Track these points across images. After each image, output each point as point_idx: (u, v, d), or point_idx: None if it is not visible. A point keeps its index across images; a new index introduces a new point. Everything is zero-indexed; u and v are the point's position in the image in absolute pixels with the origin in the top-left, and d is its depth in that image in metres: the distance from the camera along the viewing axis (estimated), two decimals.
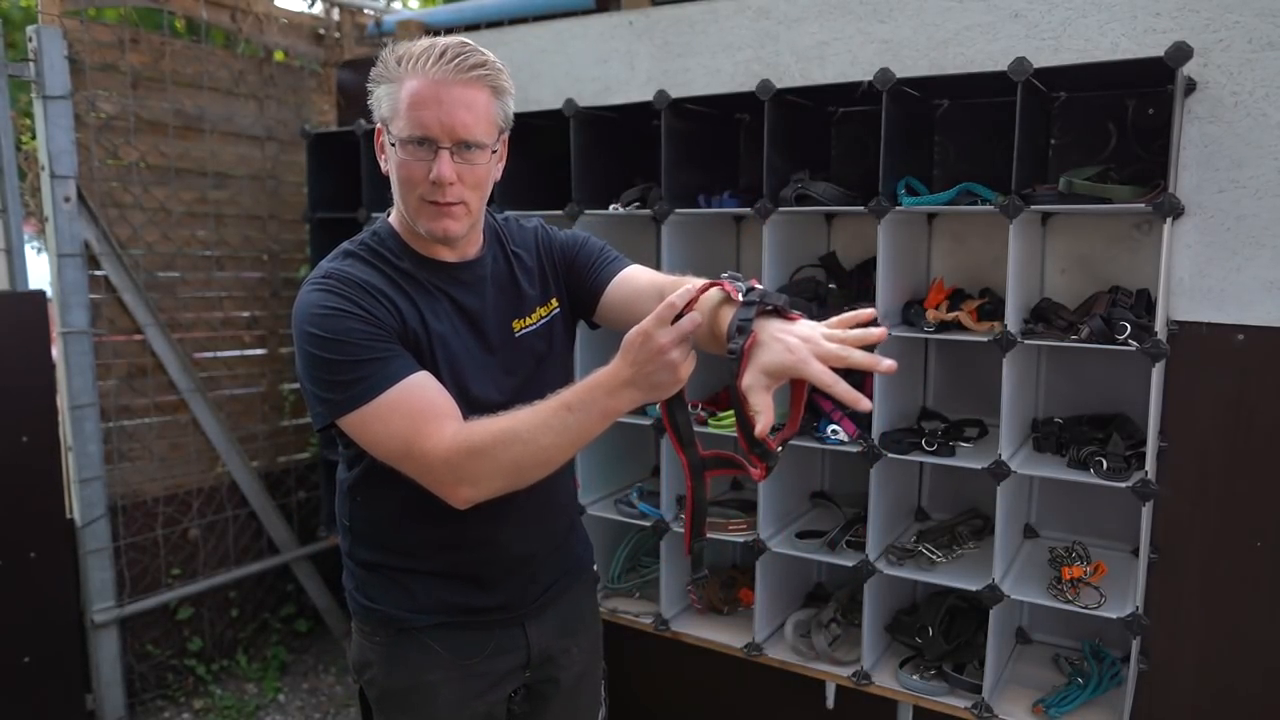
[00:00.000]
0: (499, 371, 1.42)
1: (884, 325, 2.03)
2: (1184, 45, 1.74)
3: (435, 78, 1.25)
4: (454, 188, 1.28)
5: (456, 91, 1.25)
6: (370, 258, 1.37)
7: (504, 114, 1.34)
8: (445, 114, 1.25)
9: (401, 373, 1.25)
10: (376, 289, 1.32)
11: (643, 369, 1.17)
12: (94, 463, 2.85)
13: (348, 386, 1.24)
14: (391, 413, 1.24)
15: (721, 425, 2.28)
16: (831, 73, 2.36)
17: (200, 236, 3.19)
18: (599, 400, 1.19)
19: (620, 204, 2.40)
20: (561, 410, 1.20)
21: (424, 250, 1.40)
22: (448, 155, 1.26)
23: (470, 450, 1.21)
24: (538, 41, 2.82)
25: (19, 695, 2.66)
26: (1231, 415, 1.96)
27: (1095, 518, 2.24)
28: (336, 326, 1.25)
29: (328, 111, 3.51)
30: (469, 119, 1.26)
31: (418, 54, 1.26)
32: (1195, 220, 1.95)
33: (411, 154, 1.27)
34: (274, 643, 3.49)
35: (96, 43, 2.83)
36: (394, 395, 1.24)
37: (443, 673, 1.46)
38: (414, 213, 1.33)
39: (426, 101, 1.25)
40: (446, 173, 1.26)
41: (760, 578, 2.29)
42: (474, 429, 1.23)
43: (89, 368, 2.82)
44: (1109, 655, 2.20)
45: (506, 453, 1.20)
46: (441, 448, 1.21)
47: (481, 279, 1.43)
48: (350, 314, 1.27)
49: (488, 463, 1.21)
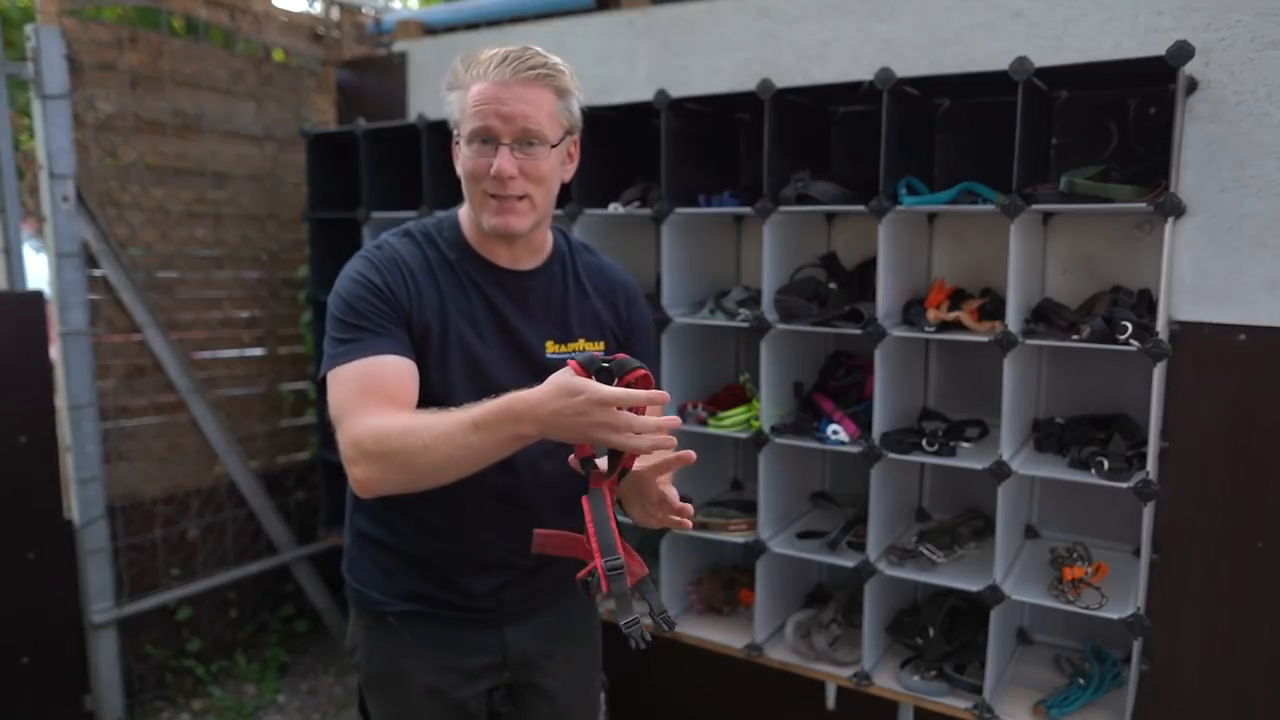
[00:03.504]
0: (519, 378, 1.40)
1: (885, 325, 2.05)
2: (1186, 44, 1.73)
3: (497, 79, 1.33)
4: (515, 181, 1.34)
5: (517, 90, 1.33)
6: (421, 240, 1.44)
7: (569, 114, 1.40)
8: (505, 109, 1.32)
9: (379, 349, 1.31)
10: (409, 269, 1.39)
11: (566, 416, 1.15)
12: (93, 463, 2.85)
13: (335, 344, 1.34)
14: (348, 380, 1.30)
15: (721, 425, 2.28)
16: (832, 72, 2.36)
17: (199, 236, 3.18)
18: (508, 425, 1.18)
19: (620, 203, 2.39)
20: (468, 427, 1.19)
21: (480, 248, 1.45)
22: (507, 150, 1.33)
23: (377, 437, 1.23)
24: (538, 41, 2.78)
25: (18, 695, 2.65)
26: (1233, 415, 1.96)
27: (1096, 518, 2.23)
28: (352, 291, 1.36)
29: (327, 111, 3.51)
30: (528, 111, 1.33)
31: (484, 60, 1.35)
32: (1197, 220, 1.95)
33: (476, 151, 1.35)
34: (273, 643, 3.48)
35: (95, 42, 2.83)
36: (359, 365, 1.30)
37: (416, 660, 1.49)
38: (479, 207, 1.38)
39: (488, 100, 1.33)
40: (506, 165, 1.33)
41: (760, 578, 2.29)
42: (392, 419, 1.24)
43: (87, 368, 2.81)
44: (1110, 656, 2.20)
45: (404, 452, 1.21)
46: (361, 427, 1.24)
47: (527, 291, 1.46)
48: (369, 284, 1.36)
49: (385, 455, 1.22)
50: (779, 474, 2.30)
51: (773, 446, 2.22)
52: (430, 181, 2.66)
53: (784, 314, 2.19)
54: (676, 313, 2.32)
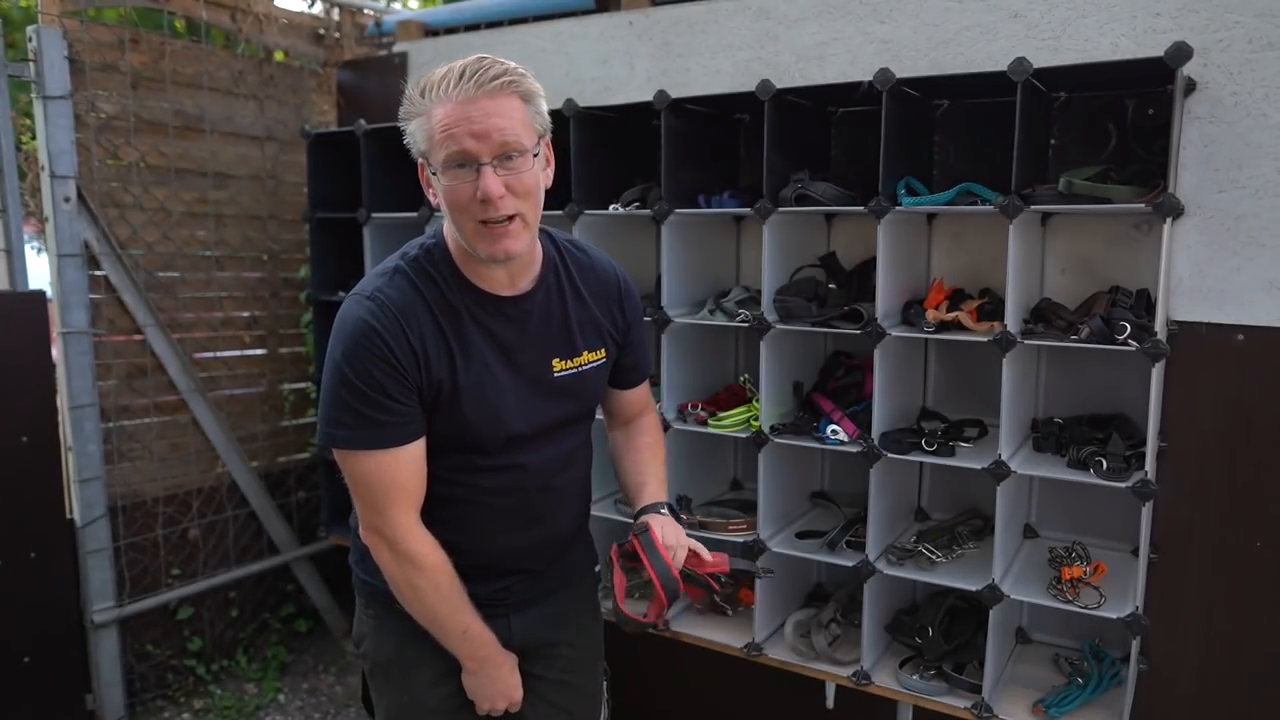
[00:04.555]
0: (529, 408, 1.44)
1: (884, 325, 2.05)
2: (1184, 45, 1.74)
3: (459, 98, 1.24)
4: (504, 200, 1.27)
5: (484, 104, 1.25)
6: (420, 281, 1.38)
7: (539, 117, 1.33)
8: (478, 128, 1.24)
9: (394, 440, 1.34)
10: (411, 325, 1.34)
11: (485, 681, 1.50)
12: (94, 463, 2.85)
13: (345, 427, 1.34)
14: (362, 471, 1.36)
15: (722, 425, 2.28)
16: (831, 73, 2.36)
17: (200, 236, 3.18)
18: (471, 652, 1.47)
19: (620, 204, 2.40)
20: (459, 631, 1.45)
21: (476, 278, 1.39)
22: (490, 170, 1.25)
23: (382, 559, 1.41)
24: (538, 41, 2.82)
25: (19, 695, 2.66)
26: (1231, 415, 1.96)
27: (1095, 518, 2.24)
28: (360, 369, 1.31)
29: (328, 111, 3.51)
30: (503, 125, 1.25)
31: (438, 81, 1.27)
32: (1195, 220, 1.95)
33: (455, 178, 1.27)
34: (274, 643, 3.49)
35: (96, 43, 2.83)
36: (375, 459, 1.35)
37: (423, 648, 1.50)
38: (471, 238, 1.31)
39: (457, 122, 1.24)
40: (494, 187, 1.25)
41: (760, 577, 2.29)
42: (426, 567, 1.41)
43: (89, 368, 2.82)
44: (1109, 655, 2.20)
45: (408, 591, 1.43)
46: (373, 531, 1.40)
47: (527, 314, 1.43)
48: (379, 359, 1.31)
49: (398, 578, 1.42)
50: (779, 474, 2.30)
51: (772, 446, 2.23)
52: None
53: (784, 314, 2.20)
54: (676, 313, 2.32)
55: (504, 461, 1.45)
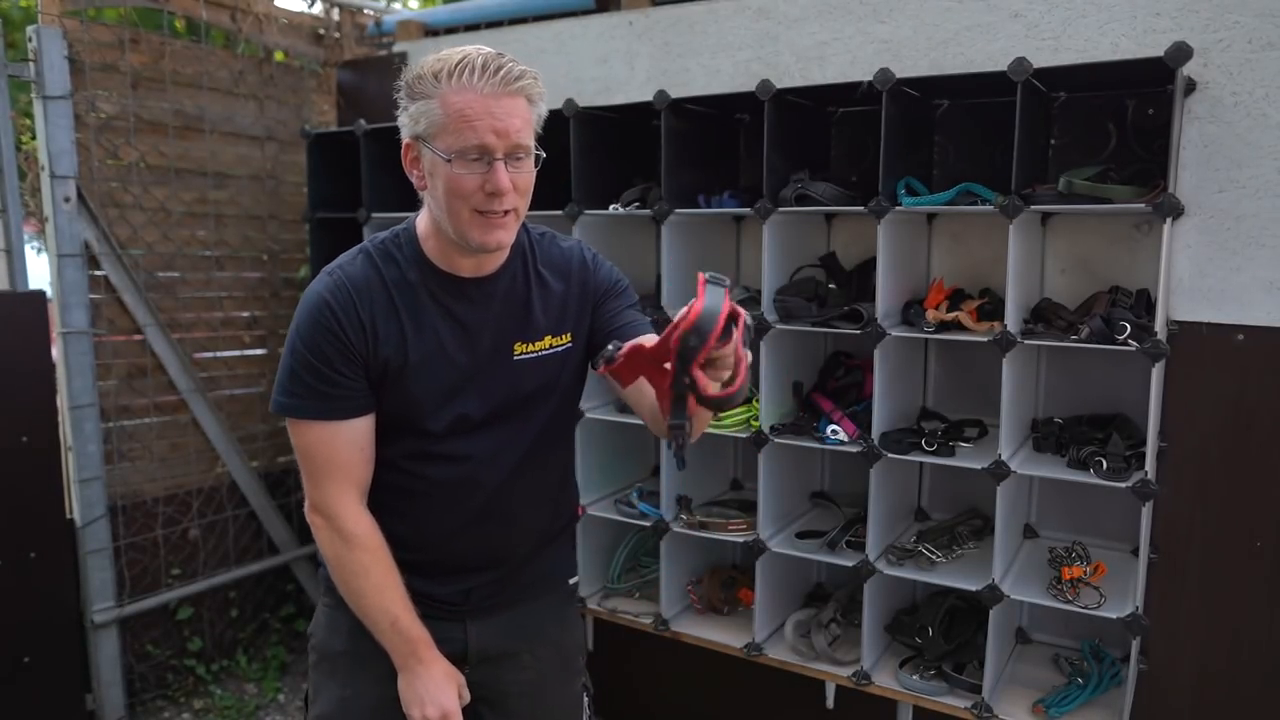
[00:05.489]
0: (483, 389, 1.43)
1: (884, 325, 2.05)
2: (1184, 45, 1.74)
3: (484, 91, 1.27)
4: (509, 196, 1.30)
5: (506, 102, 1.28)
6: (381, 261, 1.41)
7: (540, 120, 1.36)
8: (499, 124, 1.27)
9: (337, 413, 1.38)
10: (364, 301, 1.37)
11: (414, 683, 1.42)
12: (94, 463, 2.85)
13: (292, 395, 1.38)
14: (305, 442, 1.40)
15: (721, 425, 2.28)
16: (831, 73, 2.36)
17: (200, 236, 3.18)
18: (401, 655, 1.42)
19: (620, 204, 2.40)
20: (387, 623, 1.41)
21: (442, 263, 1.41)
22: (502, 165, 1.29)
23: (334, 540, 1.42)
24: (538, 41, 2.82)
25: (19, 695, 2.65)
26: (1231, 415, 1.96)
27: (1095, 518, 2.24)
28: (310, 340, 1.36)
29: (328, 111, 3.51)
30: (518, 125, 1.29)
31: (458, 67, 1.27)
32: (1195, 220, 1.95)
33: (466, 167, 1.29)
34: (274, 643, 3.49)
35: (96, 43, 2.83)
36: (316, 430, 1.39)
37: (375, 644, 1.46)
38: (465, 225, 1.32)
39: (479, 114, 1.26)
40: (505, 181, 1.28)
41: (760, 578, 2.29)
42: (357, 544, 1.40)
43: (89, 368, 2.82)
44: (1109, 655, 2.20)
45: (338, 571, 1.43)
46: (314, 508, 1.42)
47: (490, 296, 1.43)
48: (329, 331, 1.36)
49: (329, 555, 1.43)
50: (779, 474, 2.30)
51: (772, 446, 2.23)
52: None
53: (784, 314, 2.20)
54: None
55: (454, 449, 1.43)
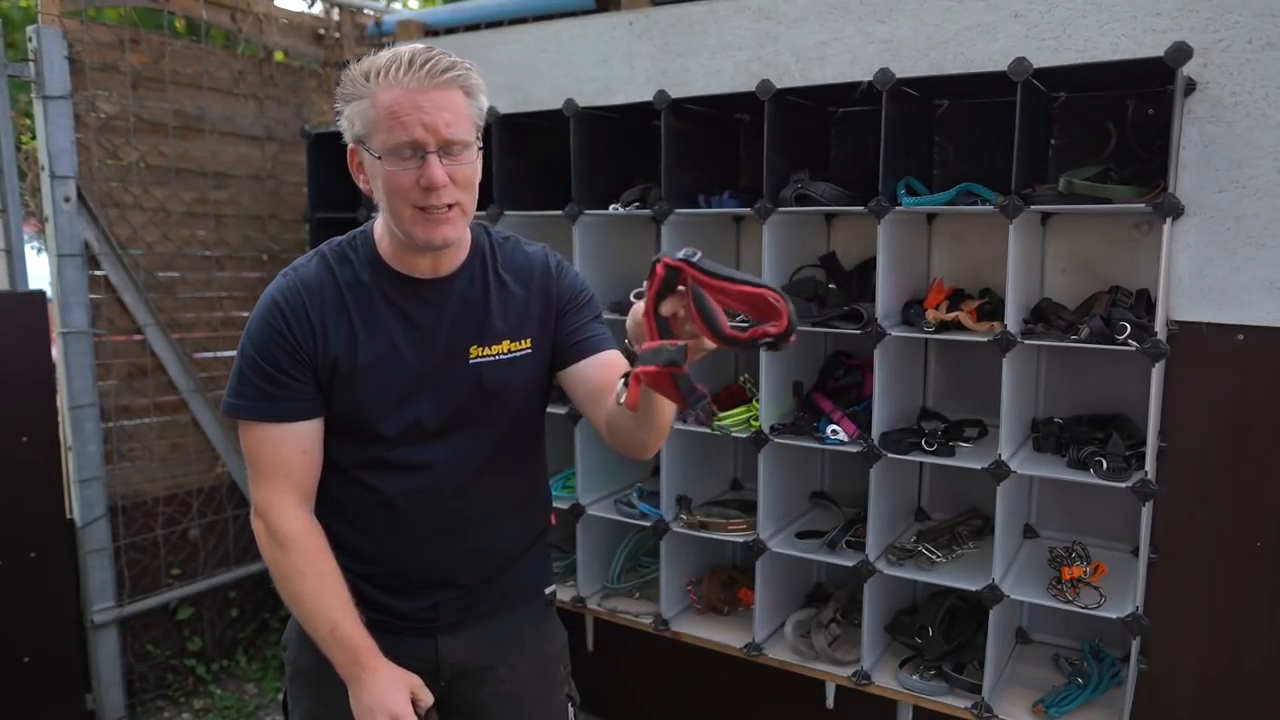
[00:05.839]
0: (437, 393, 1.40)
1: (884, 325, 2.05)
2: (1184, 45, 1.74)
3: (411, 86, 1.25)
4: (446, 189, 1.28)
5: (434, 95, 1.26)
6: (335, 262, 1.41)
7: (480, 112, 1.34)
8: (427, 118, 1.25)
9: (282, 414, 1.37)
10: (313, 300, 1.37)
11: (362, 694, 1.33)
12: (94, 463, 2.85)
13: (239, 395, 1.38)
14: (250, 443, 1.40)
15: (723, 424, 2.28)
16: (831, 73, 2.36)
17: (200, 236, 3.18)
18: (345, 667, 1.34)
19: (620, 204, 2.40)
20: (328, 630, 1.34)
21: (397, 264, 1.39)
22: (435, 159, 1.26)
23: (260, 542, 1.40)
24: (537, 41, 2.82)
25: (19, 695, 2.65)
26: (1231, 415, 1.96)
27: (1095, 518, 2.24)
28: (260, 340, 1.37)
29: (328, 111, 3.51)
30: (450, 118, 1.27)
31: (384, 66, 1.27)
32: (1195, 220, 1.95)
33: (398, 164, 1.27)
34: (274, 643, 3.49)
35: (96, 43, 2.83)
36: (260, 431, 1.38)
37: None
38: (408, 224, 1.31)
39: (406, 109, 1.25)
40: (439, 175, 1.26)
41: (760, 578, 2.29)
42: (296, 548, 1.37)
43: (89, 368, 2.82)
44: (1109, 655, 2.20)
45: (279, 577, 1.39)
46: (255, 511, 1.40)
47: (446, 297, 1.41)
48: (277, 332, 1.36)
49: (270, 558, 1.40)
50: (779, 474, 2.30)
51: (772, 446, 2.23)
52: None
53: None
54: None
55: (411, 458, 1.41)
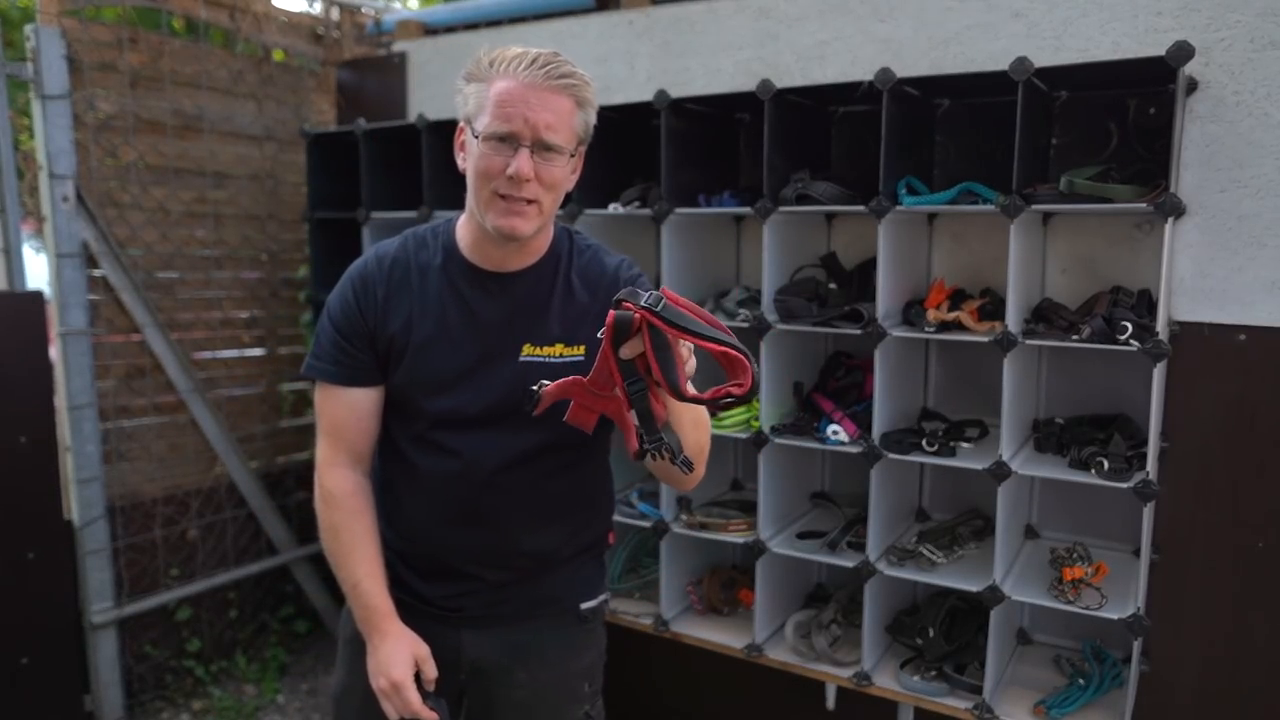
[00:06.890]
0: (484, 383, 1.43)
1: (885, 325, 2.05)
2: (1185, 44, 1.73)
3: (525, 80, 1.32)
4: (530, 185, 1.34)
5: (545, 95, 1.32)
6: (414, 246, 1.49)
7: (585, 126, 1.40)
8: (531, 113, 1.31)
9: (347, 379, 1.46)
10: (383, 278, 1.45)
11: (372, 651, 1.47)
12: (92, 463, 2.85)
13: (314, 356, 1.48)
14: (318, 401, 1.51)
15: (721, 425, 2.27)
16: (832, 72, 2.36)
17: (199, 236, 3.18)
18: (360, 615, 1.49)
19: (620, 204, 2.39)
20: (352, 586, 1.49)
21: (470, 253, 1.45)
22: (527, 153, 1.32)
23: (325, 503, 1.50)
24: (537, 41, 2.78)
25: (17, 696, 2.65)
26: (1233, 415, 1.96)
27: (1096, 518, 2.23)
28: (334, 309, 1.47)
29: (327, 111, 3.50)
30: (552, 121, 1.33)
31: (510, 58, 1.34)
32: (1196, 220, 1.95)
33: (493, 149, 1.33)
34: (273, 644, 3.48)
35: (95, 42, 2.82)
36: (324, 392, 1.48)
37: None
38: (485, 206, 1.37)
39: (514, 100, 1.31)
40: (525, 167, 1.32)
41: (760, 578, 2.29)
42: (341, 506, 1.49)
43: (87, 368, 2.81)
44: (1110, 656, 2.20)
45: (325, 532, 1.51)
46: (319, 471, 1.50)
47: (509, 291, 1.45)
48: (347, 303, 1.46)
49: (321, 516, 1.51)
50: (779, 474, 2.30)
51: (773, 446, 2.22)
52: (430, 181, 2.66)
53: (784, 314, 2.19)
54: None
55: (447, 441, 1.45)
